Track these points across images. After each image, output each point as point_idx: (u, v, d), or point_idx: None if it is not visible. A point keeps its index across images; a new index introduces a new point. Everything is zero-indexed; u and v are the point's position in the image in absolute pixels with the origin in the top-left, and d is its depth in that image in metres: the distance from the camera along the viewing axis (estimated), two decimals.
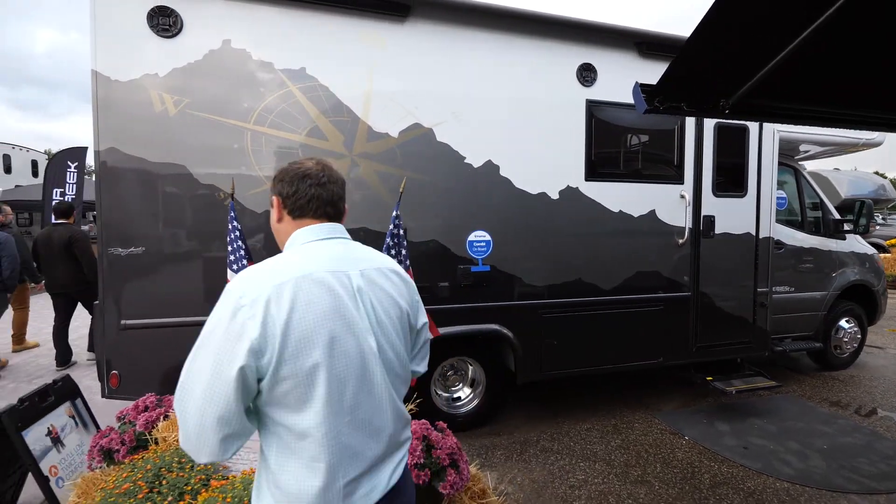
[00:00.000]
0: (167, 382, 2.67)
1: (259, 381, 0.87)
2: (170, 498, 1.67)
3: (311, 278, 0.93)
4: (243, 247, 2.47)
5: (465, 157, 3.26)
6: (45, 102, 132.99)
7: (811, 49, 1.92)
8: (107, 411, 2.92)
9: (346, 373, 0.93)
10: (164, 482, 1.75)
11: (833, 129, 4.48)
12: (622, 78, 3.59)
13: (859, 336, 5.15)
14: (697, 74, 2.26)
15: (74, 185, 11.31)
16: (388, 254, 2.46)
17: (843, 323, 5.03)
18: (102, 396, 2.73)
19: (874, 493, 2.83)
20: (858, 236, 5.13)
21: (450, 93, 3.21)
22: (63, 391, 2.63)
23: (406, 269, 2.52)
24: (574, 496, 2.81)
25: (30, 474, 2.58)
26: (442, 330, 3.16)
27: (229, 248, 2.45)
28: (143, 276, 2.72)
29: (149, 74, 2.67)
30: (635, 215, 3.73)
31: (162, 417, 2.27)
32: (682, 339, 3.96)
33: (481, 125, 3.29)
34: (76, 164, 11.42)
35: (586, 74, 3.52)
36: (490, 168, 3.33)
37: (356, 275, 1.01)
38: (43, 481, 2.25)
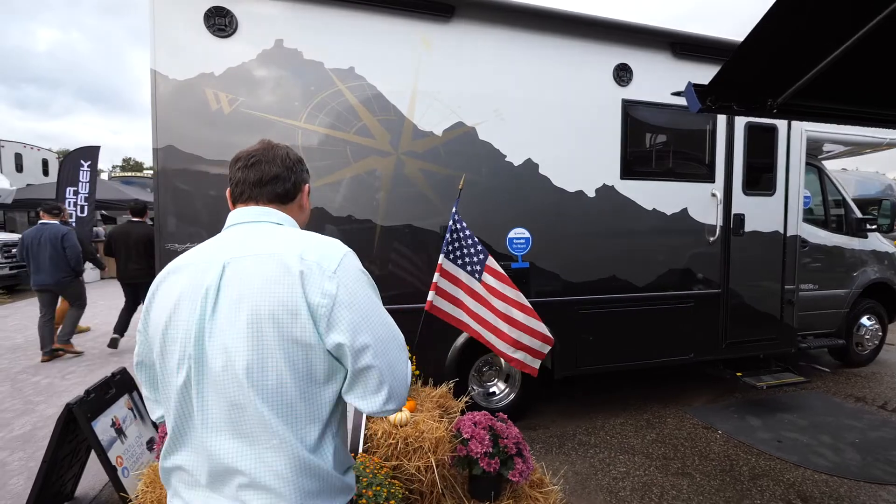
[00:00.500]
0: None
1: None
2: None
3: (174, 270, 0.90)
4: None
5: (505, 156, 3.32)
6: (45, 101, 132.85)
7: (856, 53, 2.00)
8: None
9: (168, 390, 0.86)
10: None
11: (858, 129, 4.55)
12: (656, 78, 3.65)
13: (880, 333, 5.21)
14: (748, 76, 2.32)
15: (88, 184, 11.39)
16: (448, 251, 2.50)
17: (864, 320, 5.09)
18: None
19: None
20: (879, 234, 5.20)
21: (492, 92, 3.26)
22: (122, 384, 2.69)
23: (481, 264, 2.56)
24: (619, 487, 2.87)
25: (87, 465, 2.65)
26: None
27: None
28: None
29: (205, 74, 2.72)
30: (668, 213, 3.79)
31: None
32: (712, 336, 4.02)
33: (521, 124, 3.35)
34: (89, 163, 11.49)
35: (622, 74, 3.57)
36: (530, 166, 3.38)
37: (217, 265, 0.85)
38: (111, 471, 2.30)
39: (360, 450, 1.96)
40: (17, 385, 4.44)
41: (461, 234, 2.62)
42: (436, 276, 2.47)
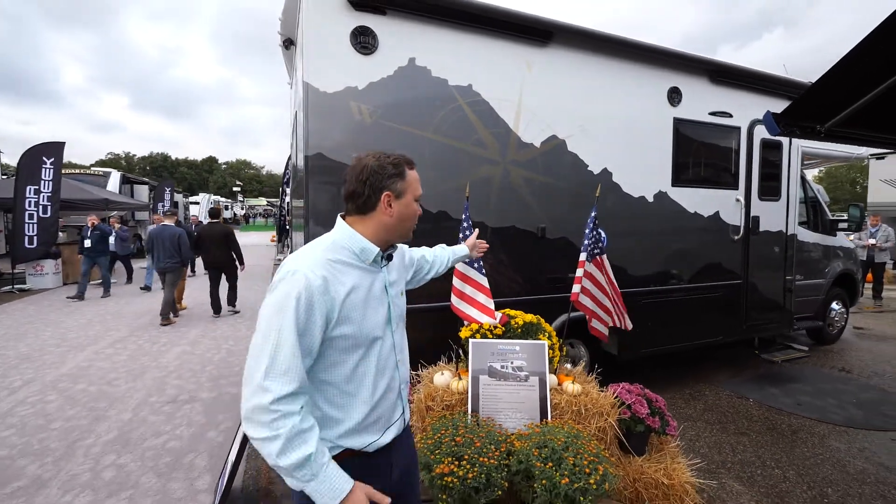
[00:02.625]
0: None
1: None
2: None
3: None
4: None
5: (587, 165, 3.79)
6: None
7: (885, 94, 2.67)
8: None
9: None
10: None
11: (837, 146, 5.49)
12: (698, 100, 4.28)
13: (845, 316, 6.26)
14: (806, 107, 2.95)
15: (51, 183, 10.58)
16: (589, 252, 2.90)
17: (834, 305, 6.10)
18: None
19: None
20: (841, 233, 6.24)
21: (578, 109, 3.72)
22: None
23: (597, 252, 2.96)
24: (698, 446, 3.42)
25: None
26: (564, 316, 3.66)
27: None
28: None
29: (350, 87, 2.95)
30: (705, 215, 4.44)
31: None
32: (736, 320, 4.74)
33: (599, 137, 3.83)
34: (52, 160, 10.68)
35: (674, 96, 4.16)
36: (606, 175, 3.87)
37: None
38: None
39: (550, 416, 2.34)
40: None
41: (596, 235, 3.03)
42: (579, 271, 2.87)
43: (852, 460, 3.23)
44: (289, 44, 4.04)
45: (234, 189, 52.83)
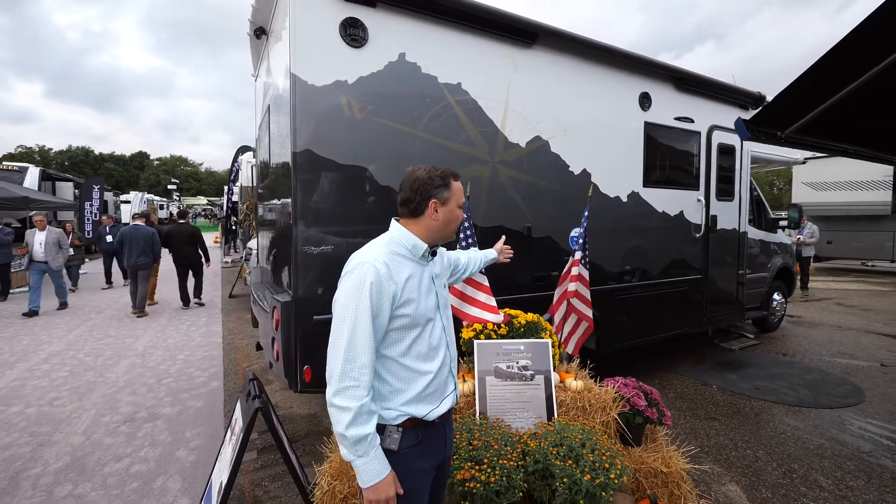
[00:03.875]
0: None
1: None
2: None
3: None
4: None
5: (569, 166, 3.88)
6: None
7: (837, 106, 2.96)
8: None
9: None
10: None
11: (780, 150, 6.00)
12: (665, 106, 4.51)
13: (785, 306, 6.88)
14: (771, 113, 3.20)
15: None
16: (580, 249, 2.96)
17: (775, 296, 6.68)
18: (295, 391, 2.80)
19: (850, 406, 4.10)
20: (781, 231, 6.85)
21: (561, 111, 3.79)
22: (261, 387, 2.67)
23: (587, 260, 3.04)
24: (676, 433, 3.60)
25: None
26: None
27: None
28: (333, 272, 2.83)
29: (340, 81, 2.82)
30: (672, 214, 4.70)
31: None
32: (699, 311, 5.05)
33: (579, 139, 3.93)
34: None
35: (645, 101, 4.36)
36: (585, 175, 3.98)
37: None
38: (298, 468, 2.35)
39: (556, 414, 2.36)
40: None
41: (585, 234, 3.09)
42: (575, 269, 2.92)
43: (810, 437, 3.54)
44: (260, 33, 3.81)
45: (169, 187, 49.30)
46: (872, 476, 3.00)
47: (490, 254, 2.27)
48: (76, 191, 16.90)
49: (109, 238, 10.13)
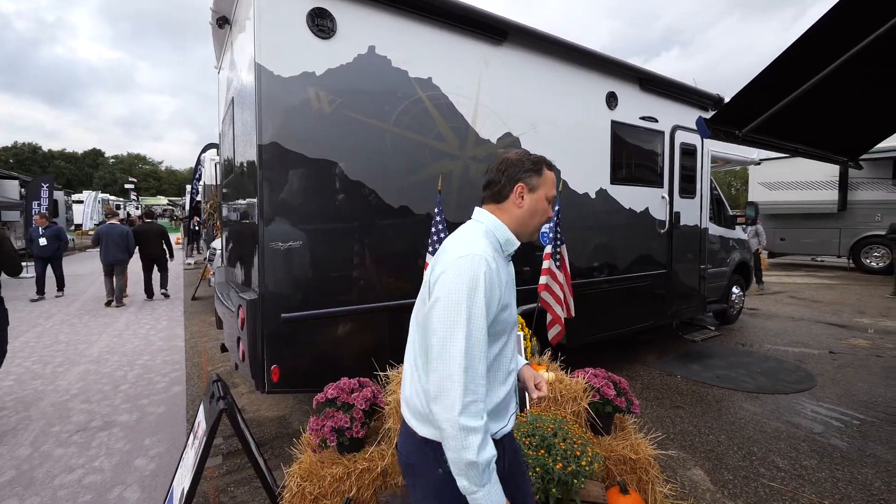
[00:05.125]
0: (327, 372, 2.79)
1: None
2: None
3: None
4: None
5: None
6: None
7: (790, 106, 3.15)
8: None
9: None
10: None
11: (738, 150, 6.29)
12: (631, 105, 4.64)
13: (743, 299, 7.21)
14: (728, 115, 3.34)
15: None
16: (552, 244, 2.99)
17: (734, 289, 7.00)
18: (262, 392, 2.70)
19: (803, 391, 4.34)
20: (739, 227, 7.18)
21: (531, 108, 3.83)
22: (225, 389, 2.56)
23: (560, 256, 3.07)
24: (643, 422, 3.70)
25: None
26: (520, 309, 3.77)
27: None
28: (301, 269, 2.77)
29: (307, 73, 2.75)
30: (638, 211, 4.84)
31: (376, 393, 2.47)
32: (664, 305, 5.22)
33: (549, 136, 3.99)
34: None
35: (611, 100, 4.47)
36: (554, 173, 4.04)
37: None
38: (266, 472, 2.27)
39: (528, 405, 2.38)
40: None
41: (558, 230, 3.13)
42: (548, 262, 2.95)
43: (767, 421, 3.71)
44: (223, 22, 3.67)
45: (127, 186, 46.94)
46: (824, 455, 3.17)
47: (522, 360, 1.58)
48: (22, 189, 15.84)
49: (43, 241, 8.81)
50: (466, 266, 1.11)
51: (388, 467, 2.31)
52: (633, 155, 4.84)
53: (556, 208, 3.10)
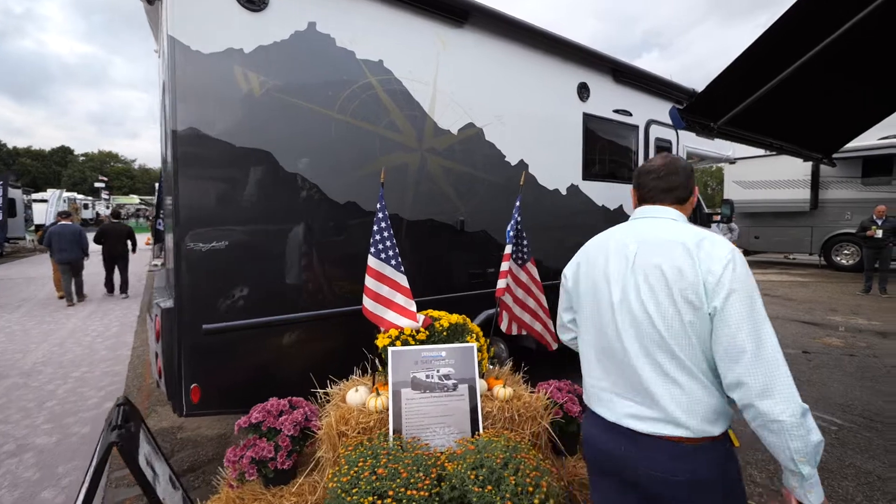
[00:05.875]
0: (257, 391, 2.45)
1: None
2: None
3: (597, 244, 1.45)
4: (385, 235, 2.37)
5: (505, 156, 3.65)
6: None
7: (765, 99, 2.98)
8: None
9: (593, 311, 1.37)
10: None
11: (712, 146, 6.16)
12: (603, 98, 4.42)
13: None
14: (705, 104, 3.13)
15: None
16: (515, 246, 2.71)
17: None
18: (180, 415, 2.35)
19: None
20: (713, 224, 7.08)
21: (495, 97, 3.56)
22: (135, 414, 2.21)
23: (527, 259, 2.79)
24: None
25: None
26: (484, 314, 3.51)
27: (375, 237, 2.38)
28: (226, 273, 2.43)
29: (233, 49, 2.40)
30: (612, 209, 4.62)
31: (310, 415, 2.16)
32: None
33: (516, 128, 3.72)
34: None
35: (583, 91, 4.23)
36: (522, 166, 3.78)
37: (633, 244, 1.29)
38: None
39: (481, 428, 2.09)
40: None
41: (519, 228, 2.84)
42: (507, 264, 2.66)
43: (744, 429, 3.51)
44: None
45: (97, 185, 45.13)
46: None
47: None
48: None
49: None
50: (742, 261, 1.15)
51: (319, 501, 2.00)
52: (606, 150, 4.62)
53: (518, 204, 2.82)
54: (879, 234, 8.87)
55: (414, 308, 2.29)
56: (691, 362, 1.16)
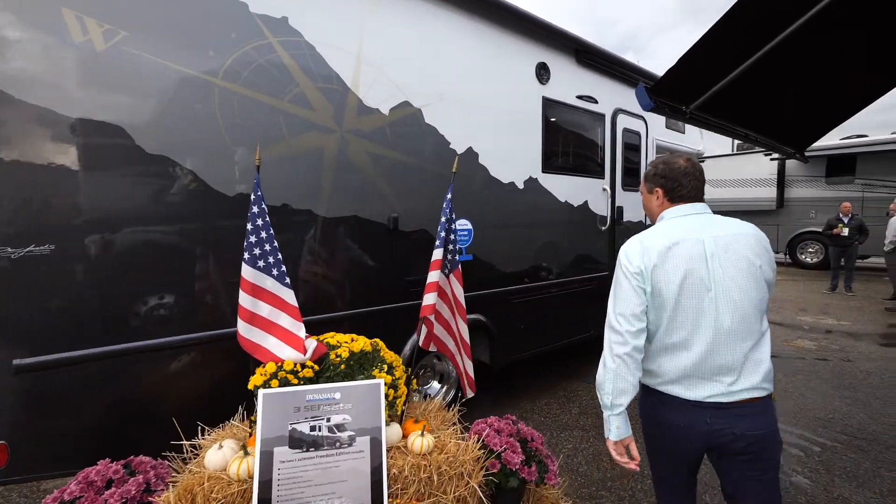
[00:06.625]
0: (91, 447, 1.84)
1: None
2: None
3: (666, 242, 1.45)
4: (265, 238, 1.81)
5: (450, 143, 3.13)
6: None
7: (739, 86, 2.62)
8: None
9: (691, 301, 1.41)
10: None
11: (681, 139, 5.81)
12: (565, 81, 3.95)
13: None
14: (676, 85, 2.69)
15: None
16: (444, 245, 2.17)
17: None
18: None
19: None
20: None
21: (437, 74, 3.03)
22: None
23: (456, 262, 2.27)
24: (575, 463, 3.02)
25: None
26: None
27: (249, 239, 1.81)
28: (50, 288, 1.80)
29: None
30: (575, 205, 4.16)
31: (155, 483, 1.57)
32: (604, 313, 4.59)
33: (463, 110, 3.20)
34: None
35: (542, 72, 3.75)
36: (471, 155, 3.26)
37: (710, 240, 1.43)
38: None
39: (387, 497, 1.56)
40: None
41: (453, 227, 2.31)
42: (436, 275, 2.12)
43: None
44: None
45: None
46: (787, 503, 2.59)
47: None
48: None
49: None
50: None
51: None
52: (569, 140, 4.16)
53: (449, 196, 2.30)
54: (846, 232, 8.81)
55: (303, 333, 1.73)
56: (765, 334, 1.44)
